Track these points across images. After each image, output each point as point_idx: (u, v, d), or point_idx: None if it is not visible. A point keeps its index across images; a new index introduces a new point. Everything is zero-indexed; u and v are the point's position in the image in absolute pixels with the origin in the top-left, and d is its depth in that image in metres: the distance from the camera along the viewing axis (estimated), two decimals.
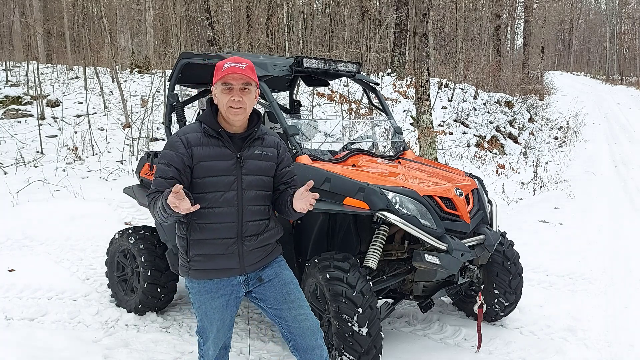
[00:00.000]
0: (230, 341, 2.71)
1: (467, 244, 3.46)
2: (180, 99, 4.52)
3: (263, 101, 4.14)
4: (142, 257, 4.22)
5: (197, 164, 2.37)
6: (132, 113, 10.31)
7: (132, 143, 8.98)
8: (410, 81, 15.12)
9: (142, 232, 4.40)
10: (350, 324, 3.10)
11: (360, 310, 3.11)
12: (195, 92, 5.52)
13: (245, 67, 2.36)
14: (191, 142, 2.39)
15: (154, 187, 2.39)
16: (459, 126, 14.17)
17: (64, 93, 11.18)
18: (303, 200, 2.36)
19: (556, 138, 18.54)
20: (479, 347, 3.76)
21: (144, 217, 6.58)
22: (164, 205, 2.20)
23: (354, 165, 3.90)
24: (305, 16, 19.34)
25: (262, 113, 4.69)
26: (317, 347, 2.57)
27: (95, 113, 10.38)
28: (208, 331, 2.56)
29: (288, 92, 5.37)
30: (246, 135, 2.45)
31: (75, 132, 9.35)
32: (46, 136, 8.96)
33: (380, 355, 3.22)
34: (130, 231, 4.44)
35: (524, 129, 17.12)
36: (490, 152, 13.61)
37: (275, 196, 2.57)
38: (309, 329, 2.55)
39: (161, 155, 2.43)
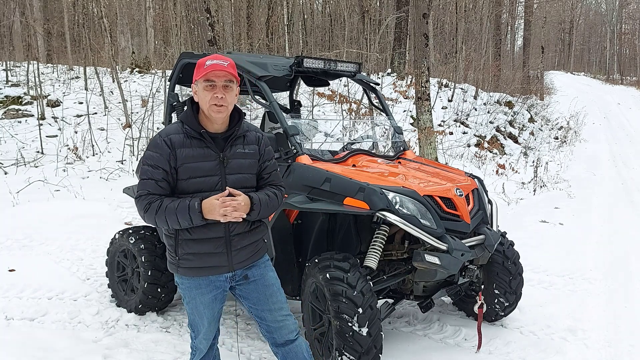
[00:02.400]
0: (219, 332, 2.76)
1: (467, 244, 3.46)
2: (180, 99, 4.52)
3: (263, 101, 4.14)
4: (143, 257, 4.22)
5: (181, 166, 2.40)
6: (132, 113, 10.31)
7: (132, 143, 8.98)
8: (410, 81, 15.11)
9: (142, 232, 4.40)
10: (350, 324, 3.10)
11: (360, 310, 3.11)
12: None
13: (228, 65, 2.39)
14: (175, 144, 2.40)
15: (145, 189, 2.39)
16: (459, 126, 14.17)
17: (64, 93, 11.18)
18: None
19: (556, 138, 18.54)
20: (479, 347, 3.76)
21: None
22: (191, 217, 2.30)
23: (354, 165, 3.90)
24: (305, 16, 19.34)
25: (264, 112, 4.71)
26: (295, 341, 2.66)
27: (96, 113, 10.38)
28: (199, 325, 2.62)
29: (288, 92, 5.37)
30: (228, 134, 2.48)
31: (76, 132, 9.36)
32: (46, 136, 8.97)
33: (380, 355, 3.22)
34: (130, 231, 4.43)
35: (524, 129, 17.12)
36: (491, 152, 13.61)
37: None
38: (286, 327, 2.63)
39: (146, 156, 2.44)
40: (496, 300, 4.05)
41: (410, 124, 12.44)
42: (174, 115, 4.41)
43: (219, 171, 2.43)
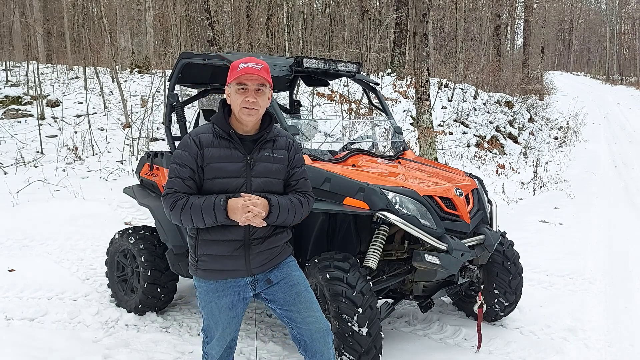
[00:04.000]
0: (236, 341, 2.70)
1: (467, 244, 3.46)
2: (180, 99, 4.52)
3: None
4: (142, 257, 4.22)
5: (208, 165, 2.38)
6: (132, 113, 10.32)
7: (132, 143, 8.98)
8: (410, 81, 15.12)
9: (142, 232, 4.40)
10: (350, 324, 3.10)
11: (360, 310, 3.11)
12: (195, 92, 5.52)
13: (261, 69, 2.37)
14: (203, 143, 2.40)
15: (172, 188, 2.39)
16: (459, 126, 14.18)
17: (64, 93, 11.19)
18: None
19: (556, 138, 18.56)
20: (479, 347, 3.76)
21: (144, 217, 6.58)
22: (215, 214, 2.29)
23: (354, 165, 3.90)
24: (305, 16, 19.33)
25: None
26: (325, 351, 2.55)
27: (95, 113, 10.39)
28: (213, 330, 2.56)
29: (288, 92, 5.37)
30: (257, 137, 2.45)
31: (75, 132, 9.36)
32: (46, 136, 8.97)
33: (380, 355, 3.22)
34: (130, 231, 4.43)
35: (524, 129, 17.13)
36: (490, 152, 13.61)
37: None
38: (318, 331, 2.53)
39: (175, 155, 2.43)
40: (496, 300, 4.05)
41: (410, 124, 12.45)
42: (173, 115, 4.41)
43: (244, 173, 2.40)
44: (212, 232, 2.39)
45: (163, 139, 9.43)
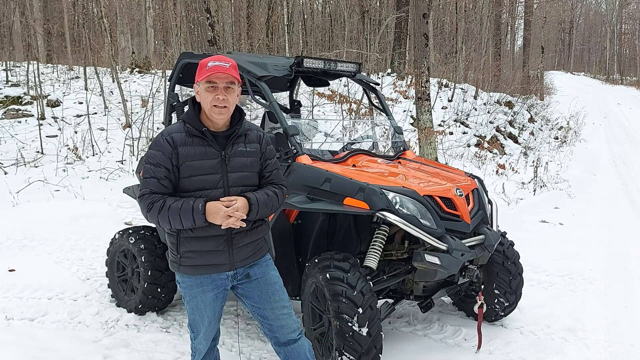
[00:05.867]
0: (220, 332, 2.77)
1: (467, 244, 3.46)
2: (180, 99, 4.52)
3: (263, 101, 4.14)
4: (142, 257, 4.22)
5: (183, 164, 2.42)
6: (132, 113, 10.31)
7: (132, 143, 8.98)
8: (410, 81, 15.12)
9: (142, 232, 4.40)
10: (350, 324, 3.10)
11: (360, 310, 3.11)
12: None
13: (230, 67, 2.41)
14: (177, 142, 2.43)
15: (147, 188, 2.41)
16: (459, 126, 14.17)
17: (64, 93, 11.18)
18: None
19: (556, 138, 18.55)
20: (479, 347, 3.76)
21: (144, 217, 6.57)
22: (194, 218, 2.32)
23: (354, 165, 3.90)
24: (305, 16, 19.33)
25: (264, 112, 4.70)
26: (298, 341, 2.66)
27: (96, 113, 10.38)
28: (199, 324, 2.62)
29: (288, 92, 5.37)
30: (229, 133, 2.50)
31: (76, 132, 9.36)
32: (46, 136, 8.96)
33: (380, 355, 3.22)
34: (130, 231, 4.43)
35: (524, 129, 17.12)
36: (491, 152, 13.61)
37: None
38: (289, 326, 2.64)
39: (148, 155, 2.46)
40: (496, 300, 4.05)
41: (410, 124, 12.44)
42: (174, 115, 4.41)
43: (220, 169, 2.45)
44: (194, 228, 2.42)
45: None
